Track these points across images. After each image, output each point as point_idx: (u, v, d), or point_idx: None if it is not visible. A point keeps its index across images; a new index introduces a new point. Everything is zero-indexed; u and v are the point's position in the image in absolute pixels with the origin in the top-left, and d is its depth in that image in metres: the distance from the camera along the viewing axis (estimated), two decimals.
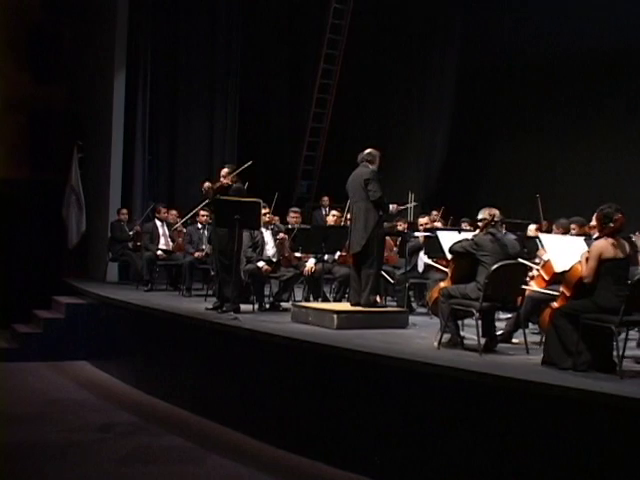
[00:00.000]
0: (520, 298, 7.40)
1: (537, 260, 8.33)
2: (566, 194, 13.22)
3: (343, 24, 16.14)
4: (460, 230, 9.32)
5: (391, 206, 8.88)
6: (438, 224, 11.38)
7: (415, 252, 10.08)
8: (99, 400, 8.98)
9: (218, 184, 9.20)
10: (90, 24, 13.40)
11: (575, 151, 13.90)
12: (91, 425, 7.82)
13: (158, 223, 11.81)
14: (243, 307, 9.17)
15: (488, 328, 7.27)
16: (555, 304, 6.75)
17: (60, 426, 7.76)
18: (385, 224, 9.25)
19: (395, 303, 9.97)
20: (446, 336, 7.25)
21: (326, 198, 14.47)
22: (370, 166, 8.49)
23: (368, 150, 8.61)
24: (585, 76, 13.76)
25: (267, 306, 9.74)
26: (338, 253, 9.96)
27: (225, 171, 9.29)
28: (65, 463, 6.67)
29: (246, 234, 9.48)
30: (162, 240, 11.74)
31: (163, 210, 11.97)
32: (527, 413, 5.58)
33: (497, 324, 7.61)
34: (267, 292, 10.06)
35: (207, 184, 9.26)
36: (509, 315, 8.19)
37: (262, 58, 15.77)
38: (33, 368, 10.37)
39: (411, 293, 10.35)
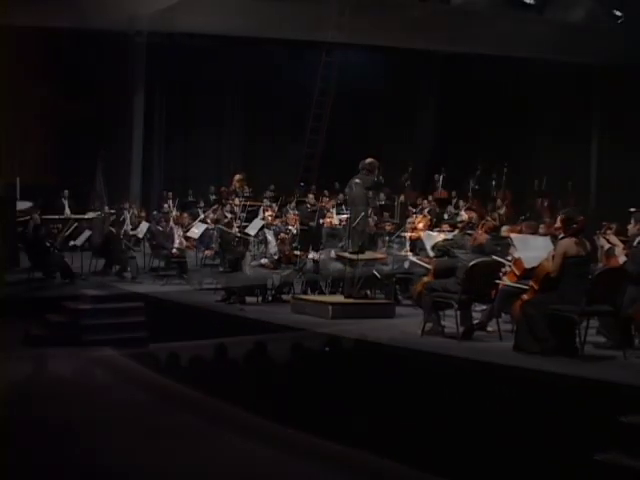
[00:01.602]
0: (494, 291, 7.44)
1: (509, 257, 8.34)
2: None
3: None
4: (441, 231, 9.34)
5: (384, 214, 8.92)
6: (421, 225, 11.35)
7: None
8: (121, 382, 8.99)
9: (231, 188, 9.26)
10: (113, 52, 13.40)
11: (550, 160, 13.94)
12: (114, 404, 7.82)
13: (173, 225, 11.82)
14: (248, 299, 9.18)
15: (466, 318, 7.30)
16: (525, 296, 6.77)
17: (87, 405, 7.77)
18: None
19: (383, 296, 9.98)
20: (429, 325, 7.28)
21: (327, 200, 14.42)
22: (370, 175, 8.45)
23: (369, 160, 8.54)
24: (561, 91, 13.78)
25: (269, 298, 9.75)
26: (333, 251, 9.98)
27: (237, 177, 9.34)
28: (91, 437, 6.68)
29: None
30: (177, 240, 11.76)
31: (177, 214, 12.01)
32: (500, 392, 5.62)
33: (474, 314, 7.65)
34: (269, 286, 10.07)
35: (223, 188, 9.32)
36: (484, 306, 8.19)
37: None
38: (63, 353, 10.37)
39: (398, 287, 10.36)
